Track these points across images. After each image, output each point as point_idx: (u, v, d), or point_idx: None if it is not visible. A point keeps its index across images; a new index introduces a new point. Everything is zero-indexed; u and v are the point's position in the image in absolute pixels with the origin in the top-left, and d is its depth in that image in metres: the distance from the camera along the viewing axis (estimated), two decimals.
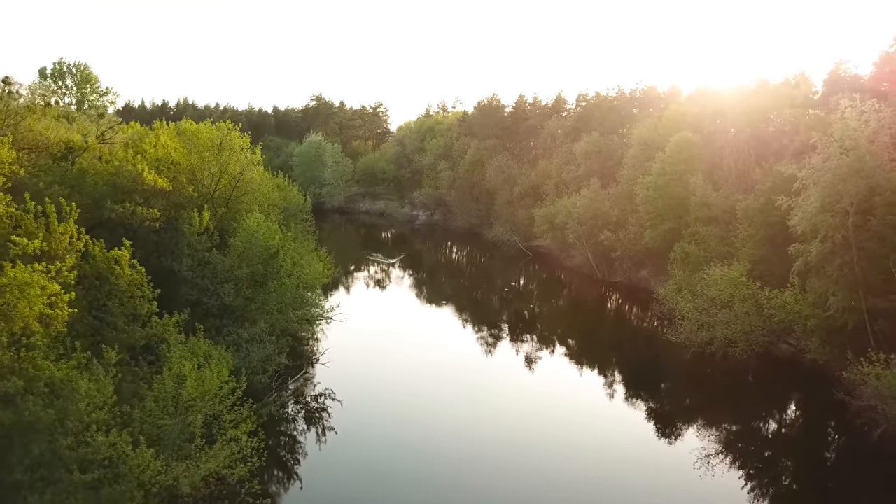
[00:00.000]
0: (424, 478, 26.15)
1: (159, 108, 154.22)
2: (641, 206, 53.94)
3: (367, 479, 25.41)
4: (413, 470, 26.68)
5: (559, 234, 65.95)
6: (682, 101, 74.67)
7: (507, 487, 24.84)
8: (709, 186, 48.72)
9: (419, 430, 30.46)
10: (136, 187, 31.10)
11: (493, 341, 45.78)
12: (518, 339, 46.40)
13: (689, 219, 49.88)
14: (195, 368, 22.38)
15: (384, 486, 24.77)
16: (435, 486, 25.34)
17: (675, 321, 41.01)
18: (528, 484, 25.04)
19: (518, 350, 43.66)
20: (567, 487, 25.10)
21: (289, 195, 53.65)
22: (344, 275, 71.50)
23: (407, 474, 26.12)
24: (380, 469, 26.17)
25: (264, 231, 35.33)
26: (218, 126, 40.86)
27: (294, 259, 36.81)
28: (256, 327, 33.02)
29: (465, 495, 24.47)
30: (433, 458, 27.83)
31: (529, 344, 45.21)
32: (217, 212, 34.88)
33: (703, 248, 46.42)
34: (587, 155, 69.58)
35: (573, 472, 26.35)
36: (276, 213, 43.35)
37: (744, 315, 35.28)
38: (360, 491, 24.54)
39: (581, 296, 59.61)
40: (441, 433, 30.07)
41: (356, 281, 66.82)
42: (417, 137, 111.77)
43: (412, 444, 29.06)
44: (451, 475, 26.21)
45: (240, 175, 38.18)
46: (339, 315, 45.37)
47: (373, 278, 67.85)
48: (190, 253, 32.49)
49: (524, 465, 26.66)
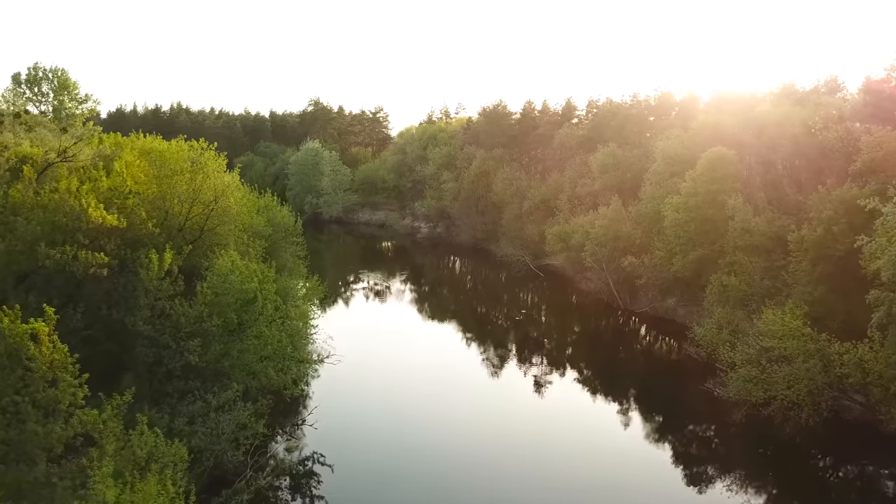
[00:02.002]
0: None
1: (152, 113, 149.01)
2: (669, 230, 48.38)
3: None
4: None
5: (574, 254, 60.50)
6: (704, 108, 69.39)
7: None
8: (748, 209, 43.15)
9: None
10: (79, 226, 25.61)
11: (508, 384, 40.47)
12: (536, 380, 40.94)
13: (726, 245, 44.33)
14: (127, 488, 16.85)
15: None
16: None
17: (716, 366, 35.58)
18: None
19: (537, 394, 38.39)
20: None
21: (277, 216, 48.15)
22: (339, 294, 66.22)
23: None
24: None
25: (240, 272, 29.85)
26: (190, 145, 35.46)
27: (276, 303, 31.31)
28: (230, 391, 27.56)
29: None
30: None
31: (549, 387, 39.79)
32: (183, 251, 29.35)
33: (745, 281, 40.90)
34: (604, 168, 64.06)
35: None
36: (257, 246, 37.83)
37: (806, 373, 29.69)
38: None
39: (601, 328, 54.04)
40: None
41: (352, 302, 61.24)
42: (419, 145, 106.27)
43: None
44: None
45: (214, 203, 32.68)
46: (333, 354, 40.26)
47: (370, 300, 62.24)
48: (147, 303, 27.03)
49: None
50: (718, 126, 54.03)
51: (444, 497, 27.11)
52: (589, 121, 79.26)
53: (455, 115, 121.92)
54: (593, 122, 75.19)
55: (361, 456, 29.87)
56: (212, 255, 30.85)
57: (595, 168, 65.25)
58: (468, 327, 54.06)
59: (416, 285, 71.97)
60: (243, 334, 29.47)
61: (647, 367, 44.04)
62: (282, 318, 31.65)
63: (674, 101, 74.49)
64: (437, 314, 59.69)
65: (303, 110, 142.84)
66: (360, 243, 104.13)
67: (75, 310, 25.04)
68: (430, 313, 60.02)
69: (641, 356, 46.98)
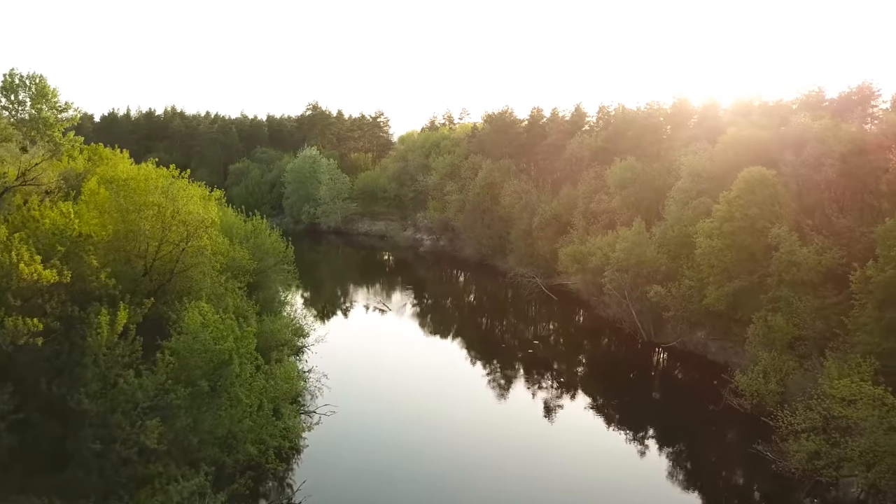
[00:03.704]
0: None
1: (145, 117, 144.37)
2: (702, 258, 43.54)
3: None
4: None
5: (590, 276, 55.73)
6: (725, 115, 64.70)
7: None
8: (794, 239, 38.34)
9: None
10: (8, 285, 20.85)
11: (523, 428, 35.89)
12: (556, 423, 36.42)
13: (769, 278, 39.55)
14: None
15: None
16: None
17: (763, 420, 30.85)
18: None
19: (556, 447, 33.61)
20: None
21: (265, 243, 43.36)
22: (336, 311, 61.45)
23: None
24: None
25: (213, 329, 25.10)
26: (161, 172, 30.67)
27: (257, 361, 26.56)
28: (199, 477, 22.85)
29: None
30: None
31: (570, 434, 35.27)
32: (143, 305, 24.52)
33: (794, 322, 36.12)
34: (622, 183, 59.20)
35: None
36: (238, 284, 33.07)
37: (891, 454, 24.86)
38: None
39: (625, 363, 49.11)
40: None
41: (348, 327, 56.28)
42: (422, 153, 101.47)
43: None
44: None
45: (185, 243, 27.90)
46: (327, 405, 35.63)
47: (368, 324, 57.35)
48: (97, 373, 22.29)
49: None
50: (750, 141, 49.26)
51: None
52: (601, 128, 74.39)
53: (459, 120, 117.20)
54: (608, 131, 70.24)
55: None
56: (180, 305, 26.09)
57: (612, 183, 60.42)
58: (476, 357, 49.30)
59: (419, 307, 67.18)
60: (216, 403, 24.74)
61: (682, 419, 38.94)
62: (264, 378, 26.89)
63: (692, 108, 69.80)
64: (443, 339, 54.99)
65: (301, 114, 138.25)
66: (360, 255, 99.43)
67: (2, 389, 20.30)
68: (436, 339, 55.14)
69: (672, 404, 41.58)
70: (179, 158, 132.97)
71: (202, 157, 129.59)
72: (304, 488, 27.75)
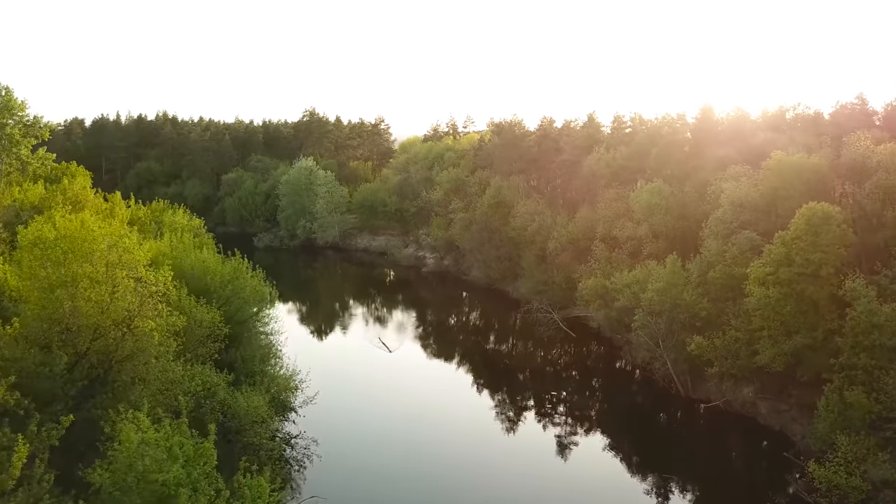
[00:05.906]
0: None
1: (135, 123, 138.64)
2: (755, 310, 37.32)
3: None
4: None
5: (615, 314, 49.70)
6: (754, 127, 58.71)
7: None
8: (873, 295, 32.17)
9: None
10: None
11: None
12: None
13: (838, 337, 33.42)
14: None
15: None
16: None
17: None
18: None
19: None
20: None
21: (245, 288, 37.21)
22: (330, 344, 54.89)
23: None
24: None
25: (154, 452, 18.96)
26: (101, 229, 24.40)
27: (217, 485, 20.40)
28: None
29: None
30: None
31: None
32: (59, 423, 18.39)
33: (879, 400, 29.97)
34: (649, 210, 52.97)
35: None
36: (196, 370, 26.90)
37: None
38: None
39: (660, 425, 43.11)
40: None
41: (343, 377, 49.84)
42: (425, 165, 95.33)
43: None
44: None
45: (125, 327, 21.73)
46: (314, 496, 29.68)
47: (366, 368, 51.03)
48: None
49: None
50: (801, 168, 43.09)
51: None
52: (620, 142, 68.01)
53: (464, 129, 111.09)
54: (630, 149, 63.99)
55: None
56: (115, 415, 19.93)
57: (637, 208, 54.20)
58: (485, 408, 43.29)
59: (422, 342, 61.12)
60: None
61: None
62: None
63: (717, 120, 63.53)
64: (449, 383, 48.93)
65: (297, 121, 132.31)
66: (359, 274, 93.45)
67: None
68: (441, 387, 48.93)
69: (724, 490, 35.25)
70: (170, 168, 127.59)
71: (193, 166, 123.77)
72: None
